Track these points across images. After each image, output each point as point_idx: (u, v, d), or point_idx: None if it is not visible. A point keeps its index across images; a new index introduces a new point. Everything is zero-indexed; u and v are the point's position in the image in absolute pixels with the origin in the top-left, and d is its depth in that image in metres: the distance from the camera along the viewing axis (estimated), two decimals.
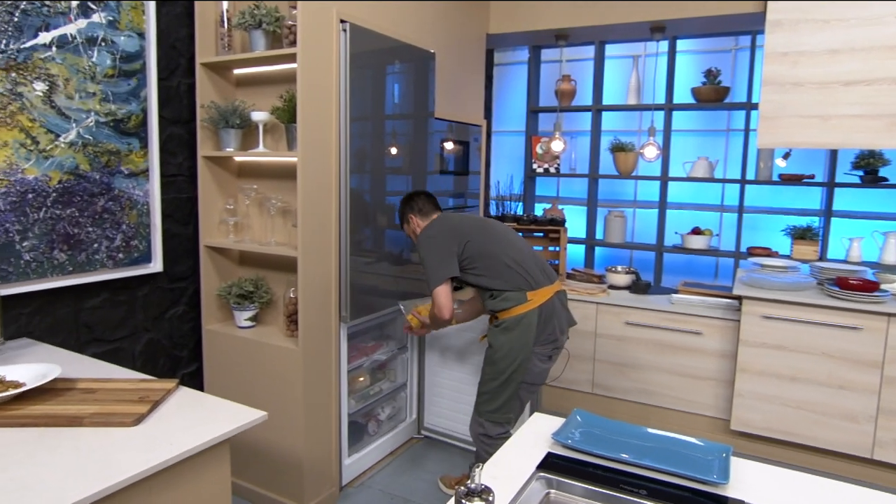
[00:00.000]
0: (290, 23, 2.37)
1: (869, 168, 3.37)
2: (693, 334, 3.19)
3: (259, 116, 2.49)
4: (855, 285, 2.85)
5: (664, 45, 3.77)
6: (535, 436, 1.45)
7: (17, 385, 1.49)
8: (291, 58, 2.31)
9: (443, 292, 2.29)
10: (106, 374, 1.71)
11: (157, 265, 2.49)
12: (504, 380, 2.31)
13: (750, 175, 3.69)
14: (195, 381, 2.75)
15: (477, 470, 0.85)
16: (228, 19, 2.53)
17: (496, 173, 4.51)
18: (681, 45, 3.91)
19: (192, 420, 1.45)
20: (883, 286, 2.94)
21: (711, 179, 3.78)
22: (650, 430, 1.46)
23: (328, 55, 2.38)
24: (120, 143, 2.30)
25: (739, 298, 3.07)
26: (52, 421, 1.39)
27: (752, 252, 3.65)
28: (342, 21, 2.41)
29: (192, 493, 1.37)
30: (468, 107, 3.61)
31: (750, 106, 3.60)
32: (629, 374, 3.35)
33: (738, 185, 3.74)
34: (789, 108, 3.00)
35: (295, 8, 2.28)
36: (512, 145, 4.56)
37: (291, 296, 2.52)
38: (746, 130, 3.67)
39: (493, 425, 2.37)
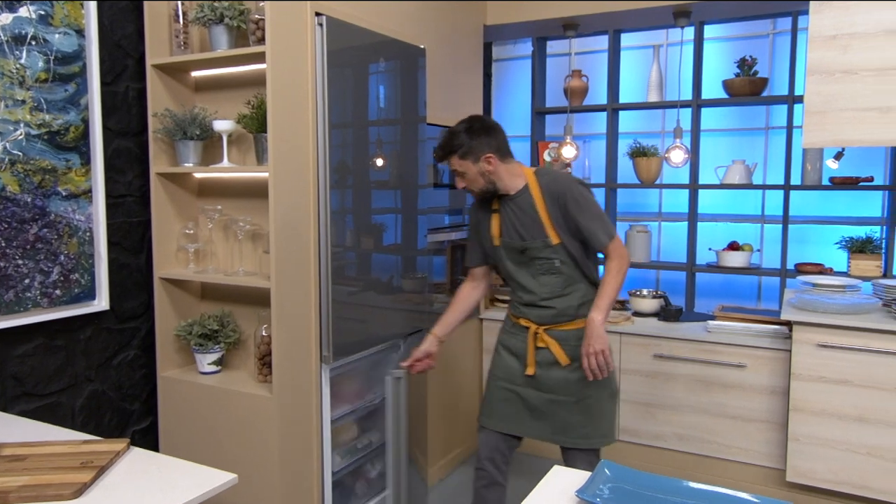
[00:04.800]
0: (257, 17, 2.40)
1: None
2: (735, 367, 3.18)
3: (222, 126, 2.50)
4: None
5: (689, 33, 3.81)
6: (557, 493, 1.43)
7: None
8: (260, 57, 2.33)
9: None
10: (39, 437, 1.68)
11: (102, 302, 2.49)
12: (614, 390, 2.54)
13: (795, 180, 3.70)
14: (149, 438, 2.73)
15: None
16: (184, 13, 2.56)
17: None
18: (709, 30, 3.95)
19: (147, 488, 1.44)
20: None
21: (750, 186, 3.80)
22: (692, 485, 1.44)
23: (302, 53, 2.40)
24: (56, 160, 2.30)
25: (789, 324, 3.06)
26: None
27: (801, 269, 3.65)
28: (318, 14, 2.43)
29: None
30: (465, 110, 3.62)
31: (793, 99, 3.61)
32: (661, 417, 3.33)
33: (781, 192, 3.74)
34: (840, 100, 3.01)
35: None
36: (517, 153, 4.57)
37: (263, 334, 2.52)
38: (789, 128, 3.69)
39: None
